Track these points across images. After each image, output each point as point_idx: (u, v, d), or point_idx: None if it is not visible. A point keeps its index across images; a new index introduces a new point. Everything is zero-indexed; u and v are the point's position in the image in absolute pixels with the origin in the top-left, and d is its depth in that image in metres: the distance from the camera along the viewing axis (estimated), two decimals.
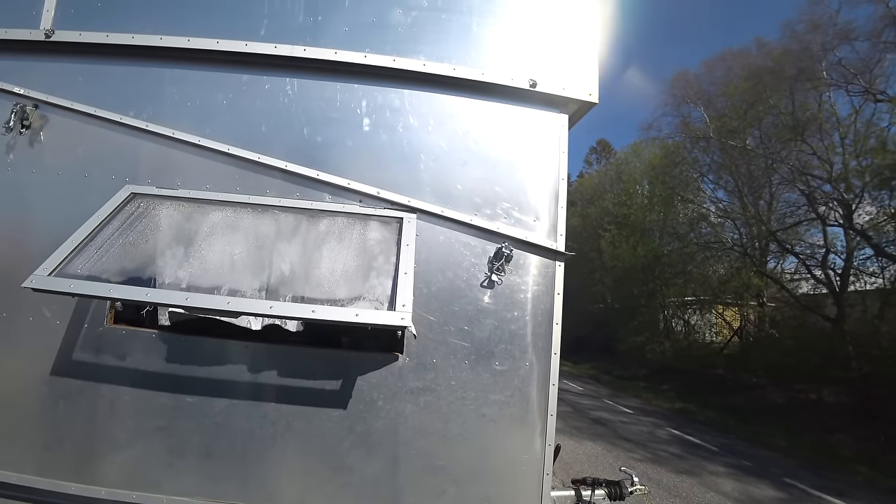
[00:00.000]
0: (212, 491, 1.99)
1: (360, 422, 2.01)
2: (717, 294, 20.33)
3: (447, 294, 2.11)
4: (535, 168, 2.29)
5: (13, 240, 2.22)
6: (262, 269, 1.85)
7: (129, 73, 2.32)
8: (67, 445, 2.05)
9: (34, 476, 2.04)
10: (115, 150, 2.23)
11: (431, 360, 2.07)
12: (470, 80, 2.26)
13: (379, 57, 2.22)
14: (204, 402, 2.01)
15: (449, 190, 2.19)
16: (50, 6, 2.34)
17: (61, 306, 2.09)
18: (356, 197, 2.16)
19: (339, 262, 1.88)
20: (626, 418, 12.00)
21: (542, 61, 2.32)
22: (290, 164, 2.15)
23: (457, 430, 2.07)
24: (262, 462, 2.01)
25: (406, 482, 2.03)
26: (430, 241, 2.13)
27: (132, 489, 2.00)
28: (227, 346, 2.03)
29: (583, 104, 2.39)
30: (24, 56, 2.38)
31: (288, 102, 2.23)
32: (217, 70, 2.28)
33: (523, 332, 2.16)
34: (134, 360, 2.04)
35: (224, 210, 2.02)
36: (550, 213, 2.27)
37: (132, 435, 2.03)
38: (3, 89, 2.35)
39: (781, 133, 17.26)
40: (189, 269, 1.81)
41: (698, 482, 7.31)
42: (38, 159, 2.28)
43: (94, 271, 1.77)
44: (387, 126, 2.23)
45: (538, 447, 2.14)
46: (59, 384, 2.07)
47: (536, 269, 2.22)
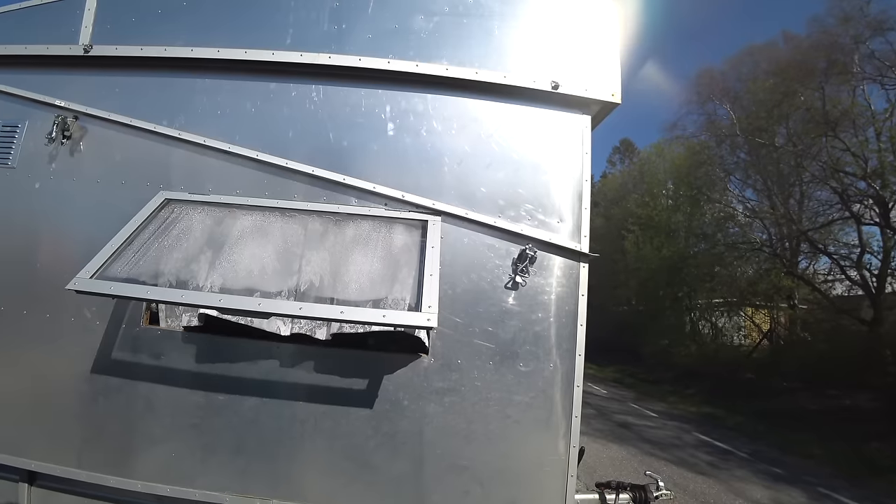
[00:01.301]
0: (242, 486, 2.05)
1: (386, 421, 2.04)
2: (745, 296, 19.79)
3: (472, 296, 2.13)
4: (558, 169, 2.29)
5: (56, 244, 2.33)
6: (290, 271, 1.90)
7: (163, 84, 2.42)
8: (106, 440, 2.15)
9: (76, 469, 2.14)
10: (150, 158, 2.33)
11: (456, 361, 2.09)
12: (492, 84, 2.28)
13: (402, 63, 2.26)
14: (235, 401, 2.07)
15: (473, 192, 2.21)
16: (88, 22, 2.45)
17: (101, 307, 2.18)
18: (382, 200, 2.20)
19: (366, 264, 1.92)
20: (651, 422, 11.78)
21: (564, 63, 2.33)
22: (317, 169, 2.20)
23: (481, 430, 2.08)
24: (291, 459, 2.05)
25: (431, 482, 2.05)
26: (455, 244, 2.16)
27: (167, 483, 2.08)
28: (258, 347, 2.08)
29: (605, 105, 2.38)
30: (65, 70, 2.50)
31: (314, 109, 2.29)
32: (245, 79, 2.35)
33: (547, 334, 2.16)
34: (168, 360, 2.12)
35: (253, 214, 2.09)
36: (574, 215, 2.26)
37: (167, 431, 2.11)
38: (46, 102, 2.47)
39: (812, 129, 16.72)
40: (221, 272, 1.88)
41: (726, 489, 7.12)
42: (78, 168, 2.39)
43: (131, 274, 1.85)
44: (411, 130, 2.26)
45: (562, 449, 2.13)
46: (98, 381, 2.16)
47: (560, 271, 2.21)
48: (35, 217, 2.37)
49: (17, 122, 2.49)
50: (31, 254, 2.33)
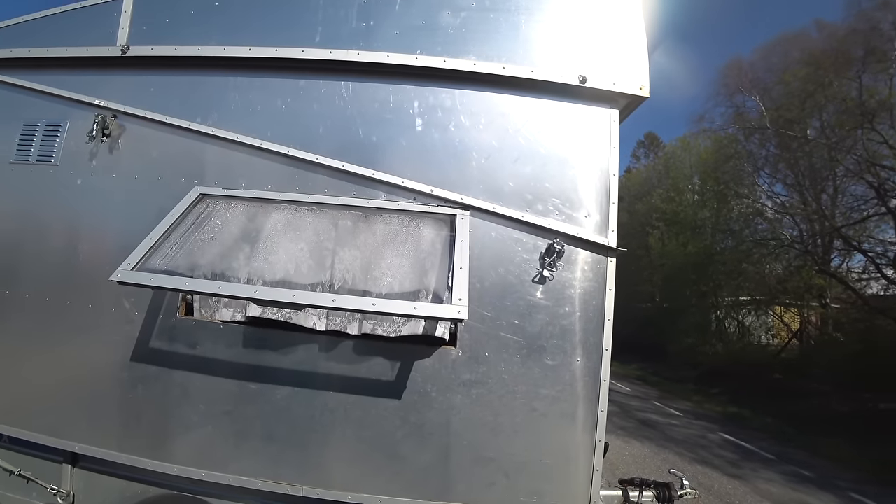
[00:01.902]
0: (273, 473, 2.11)
1: (413, 412, 2.07)
2: (774, 294, 19.25)
3: (499, 289, 2.14)
4: (585, 164, 2.28)
5: (97, 238, 2.42)
6: (322, 265, 1.95)
7: (196, 83, 2.49)
8: (144, 425, 2.23)
9: (115, 451, 2.24)
10: (185, 154, 2.40)
11: (484, 354, 2.10)
12: (519, 78, 2.28)
13: (430, 58, 2.27)
14: (267, 390, 2.13)
15: (500, 187, 2.22)
16: (125, 24, 2.54)
17: (139, 299, 2.27)
18: (410, 195, 2.22)
19: (396, 258, 1.95)
20: (675, 421, 11.60)
21: (592, 56, 2.31)
22: (347, 164, 2.24)
23: (507, 423, 2.10)
24: (321, 448, 2.11)
25: (457, 472, 2.08)
26: (483, 238, 2.17)
27: (201, 468, 2.15)
28: (290, 338, 2.13)
29: (633, 98, 2.36)
30: (104, 71, 2.59)
31: (343, 105, 2.32)
32: (276, 76, 2.40)
33: (574, 328, 2.16)
34: (203, 349, 2.20)
35: (285, 209, 2.14)
36: (601, 209, 2.25)
37: (202, 418, 2.18)
38: (86, 102, 2.57)
39: (847, 121, 16.09)
40: (255, 265, 1.93)
41: (752, 490, 6.97)
42: (117, 164, 2.48)
43: (169, 266, 1.91)
44: (439, 125, 2.28)
45: (588, 443, 2.13)
46: (137, 369, 2.25)
47: (588, 265, 2.21)
48: (77, 212, 2.47)
49: (59, 121, 2.59)
50: (74, 247, 2.43)
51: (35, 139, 2.61)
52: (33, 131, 2.63)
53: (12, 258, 2.51)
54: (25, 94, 2.68)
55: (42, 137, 2.61)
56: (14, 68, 2.70)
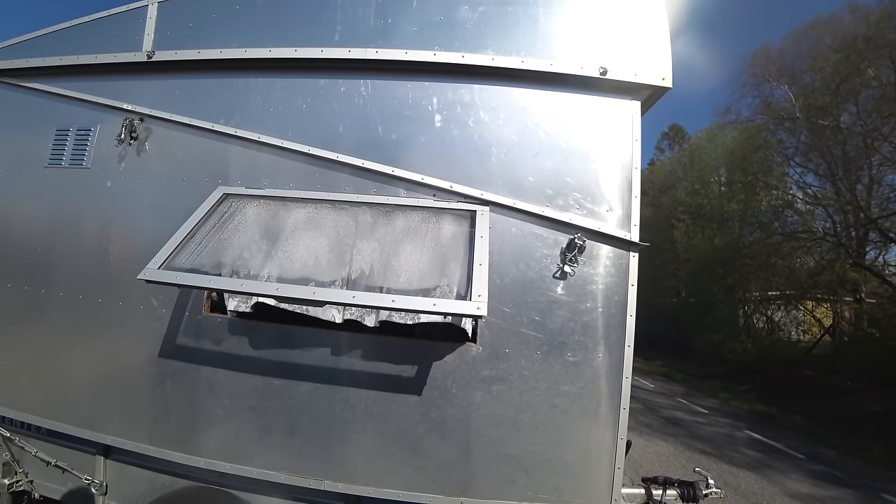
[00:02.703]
0: (297, 467, 2.15)
1: (434, 408, 2.08)
2: (805, 289, 18.62)
3: (520, 285, 2.13)
4: (607, 157, 2.24)
5: (126, 238, 2.50)
6: (343, 261, 1.97)
7: (219, 85, 2.54)
8: (173, 419, 2.30)
9: (146, 444, 2.31)
10: (209, 155, 2.46)
11: (504, 350, 2.10)
12: (539, 72, 2.26)
13: (448, 54, 2.26)
14: (291, 386, 2.17)
15: (521, 182, 2.21)
16: (150, 30, 2.60)
17: (167, 296, 2.33)
18: (430, 191, 2.22)
19: (416, 254, 1.96)
20: (701, 418, 11.35)
21: (612, 48, 2.27)
22: (367, 162, 2.25)
23: (528, 419, 2.09)
24: (343, 443, 2.13)
25: (477, 468, 2.08)
26: (503, 233, 2.16)
27: (227, 461, 2.21)
28: (312, 334, 2.17)
29: (656, 89, 2.31)
30: (131, 76, 2.66)
31: (363, 103, 2.34)
32: (296, 76, 2.43)
33: (596, 324, 2.14)
34: (228, 346, 2.25)
35: (307, 207, 2.16)
36: (624, 203, 2.22)
37: (227, 412, 2.23)
38: (114, 106, 2.64)
39: (883, 107, 15.41)
40: (277, 262, 1.97)
41: (781, 490, 6.78)
42: (145, 166, 2.55)
43: (195, 265, 1.96)
44: (458, 121, 2.27)
45: (609, 440, 2.11)
46: (165, 365, 2.32)
47: (609, 260, 2.18)
48: (107, 213, 2.55)
49: (90, 125, 2.68)
50: (105, 247, 2.52)
51: (68, 144, 2.71)
52: (66, 136, 2.72)
53: (48, 258, 2.61)
54: (58, 100, 2.78)
55: (74, 142, 2.70)
56: (47, 76, 2.81)
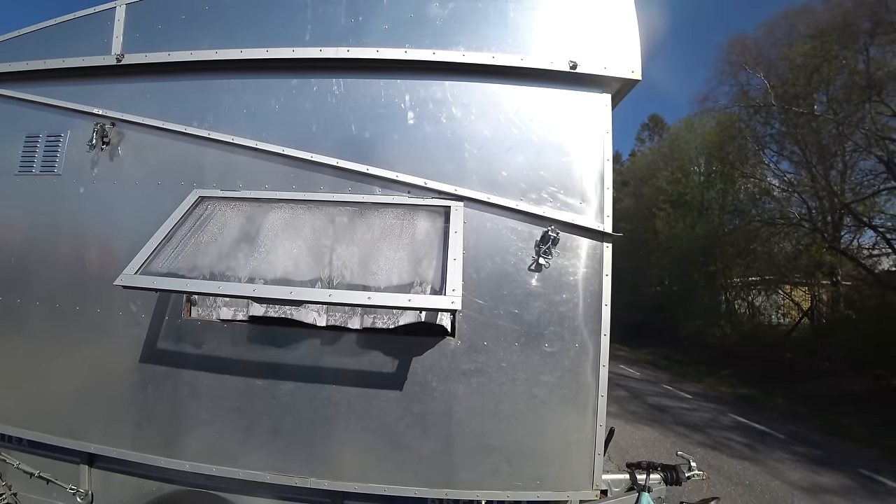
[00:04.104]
0: (282, 466, 2.17)
1: (415, 402, 2.12)
2: (784, 273, 19.05)
3: (496, 278, 2.16)
4: (579, 150, 2.28)
5: (101, 244, 2.48)
6: (320, 261, 1.98)
7: (191, 87, 2.51)
8: (156, 424, 2.30)
9: (129, 450, 2.31)
10: (183, 159, 2.44)
11: (482, 343, 2.13)
12: (510, 67, 2.28)
13: (419, 51, 2.28)
14: (273, 386, 2.18)
15: (494, 177, 2.23)
16: (118, 33, 2.57)
17: (146, 301, 2.32)
18: (405, 188, 2.24)
19: (392, 251, 1.98)
20: (686, 404, 11.56)
21: (582, 42, 2.30)
22: (341, 161, 2.26)
23: (508, 410, 2.13)
24: (327, 440, 2.16)
25: (460, 460, 2.12)
26: (478, 228, 2.19)
27: (212, 463, 2.22)
28: (293, 334, 2.18)
29: (625, 82, 2.35)
30: (100, 80, 2.62)
31: (335, 102, 2.34)
32: (268, 77, 2.42)
33: (572, 314, 2.18)
34: (209, 348, 2.25)
35: (283, 207, 2.17)
36: (597, 195, 2.26)
37: (211, 415, 2.24)
38: (84, 111, 2.61)
39: (855, 95, 15.78)
40: (254, 264, 1.97)
41: (763, 470, 6.96)
42: (118, 171, 2.53)
43: (172, 269, 1.96)
44: (430, 118, 2.29)
45: (589, 428, 2.16)
46: (146, 370, 2.31)
47: (584, 252, 2.22)
48: (82, 220, 2.52)
49: (59, 131, 2.64)
50: (80, 254, 2.49)
51: (38, 150, 2.67)
52: (36, 143, 2.68)
53: (22, 267, 2.57)
54: (26, 106, 2.73)
55: (44, 148, 2.66)
56: (14, 81, 2.75)
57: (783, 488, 6.36)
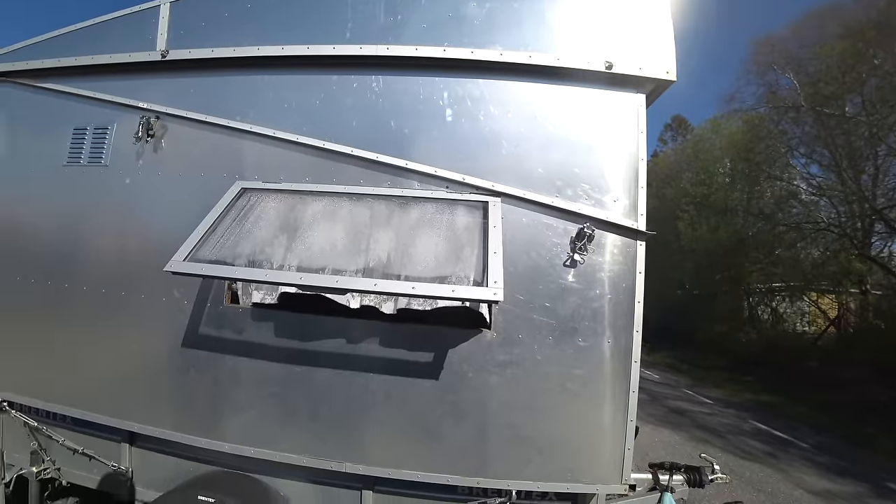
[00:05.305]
0: (319, 450, 2.23)
1: (451, 392, 2.16)
2: (810, 280, 18.59)
3: (531, 273, 2.19)
4: (613, 149, 2.30)
5: (145, 232, 2.57)
6: (360, 251, 2.03)
7: (233, 82, 2.59)
8: (198, 406, 2.38)
9: (171, 431, 2.40)
10: (225, 151, 2.51)
11: (517, 336, 2.17)
12: (546, 66, 2.30)
13: (457, 50, 2.31)
14: (311, 372, 2.25)
15: (530, 173, 2.26)
16: (163, 30, 2.65)
17: (188, 288, 2.41)
18: (443, 183, 2.28)
19: (431, 244, 2.02)
20: (706, 409, 11.41)
21: (617, 42, 2.31)
22: (381, 155, 2.31)
23: (541, 403, 2.16)
24: (362, 426, 2.21)
25: (493, 450, 2.16)
26: (514, 223, 2.21)
27: (251, 445, 2.29)
28: (332, 323, 2.24)
29: (660, 83, 2.36)
30: (146, 75, 2.71)
31: (375, 98, 2.39)
32: (309, 73, 2.48)
33: (605, 310, 2.20)
34: (249, 335, 2.32)
35: (324, 200, 2.23)
36: (630, 194, 2.27)
37: (250, 399, 2.32)
38: (130, 105, 2.70)
39: (889, 96, 15.29)
40: (297, 253, 2.03)
41: (785, 478, 6.84)
42: (162, 163, 2.61)
43: (218, 257, 2.03)
44: (468, 115, 2.32)
45: (620, 423, 2.18)
46: (188, 354, 2.40)
47: (618, 249, 2.24)
48: (127, 208, 2.62)
49: (106, 124, 2.74)
50: (126, 241, 2.59)
51: (85, 142, 2.77)
52: (83, 135, 2.78)
53: (69, 254, 2.68)
54: (74, 100, 2.83)
55: (92, 140, 2.76)
56: (62, 76, 2.86)
57: (806, 498, 6.25)
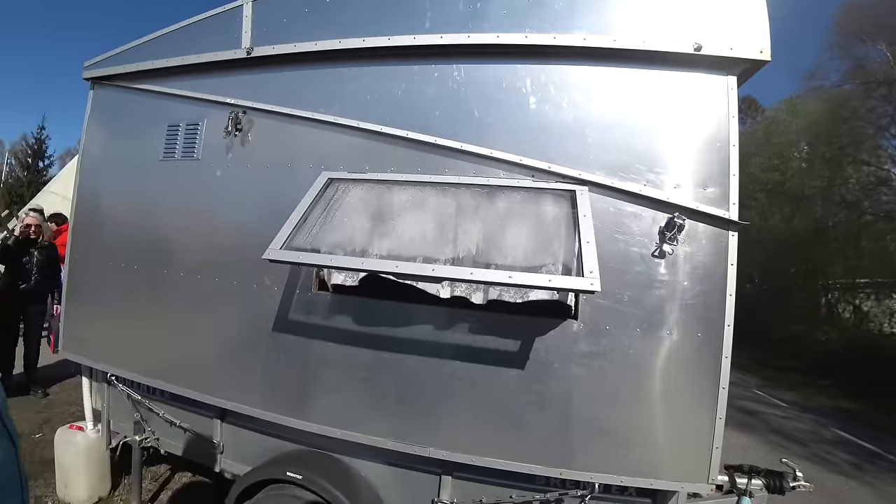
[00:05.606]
0: (404, 435, 2.29)
1: (536, 382, 2.15)
2: None
3: (619, 263, 2.14)
4: (703, 135, 2.19)
5: (236, 222, 2.72)
6: (449, 241, 2.05)
7: (316, 75, 2.66)
8: (288, 388, 2.51)
9: (262, 410, 2.54)
10: (311, 143, 2.60)
11: (604, 327, 2.12)
12: (631, 50, 2.21)
13: (539, 36, 2.26)
14: (398, 359, 2.31)
15: (616, 161, 2.19)
16: (247, 28, 2.78)
17: (278, 275, 2.53)
18: (528, 172, 2.25)
19: (520, 234, 2.01)
20: (780, 412, 10.68)
21: (706, 22, 2.19)
22: (465, 144, 2.31)
23: (627, 395, 2.11)
24: (447, 413, 2.25)
25: (577, 441, 2.14)
26: (601, 212, 2.16)
27: (338, 427, 2.39)
28: (419, 311, 2.28)
29: (753, 63, 2.21)
30: (232, 72, 2.86)
31: (456, 87, 2.38)
32: (390, 64, 2.51)
33: (695, 303, 2.11)
34: (338, 321, 2.41)
35: (410, 189, 2.26)
36: (721, 182, 2.17)
37: (339, 383, 2.41)
38: (219, 101, 2.86)
39: None
40: (387, 242, 2.08)
41: (872, 492, 6.28)
42: (250, 155, 2.75)
43: (310, 245, 2.12)
44: (552, 102, 2.28)
45: (707, 420, 2.09)
46: (279, 339, 2.52)
47: (708, 239, 2.14)
48: (218, 199, 2.78)
49: (197, 120, 2.92)
50: (218, 230, 2.76)
51: (179, 138, 2.97)
52: (177, 131, 2.98)
53: (167, 242, 2.90)
54: (167, 99, 3.04)
55: (184, 136, 2.95)
56: (157, 77, 3.08)
57: None
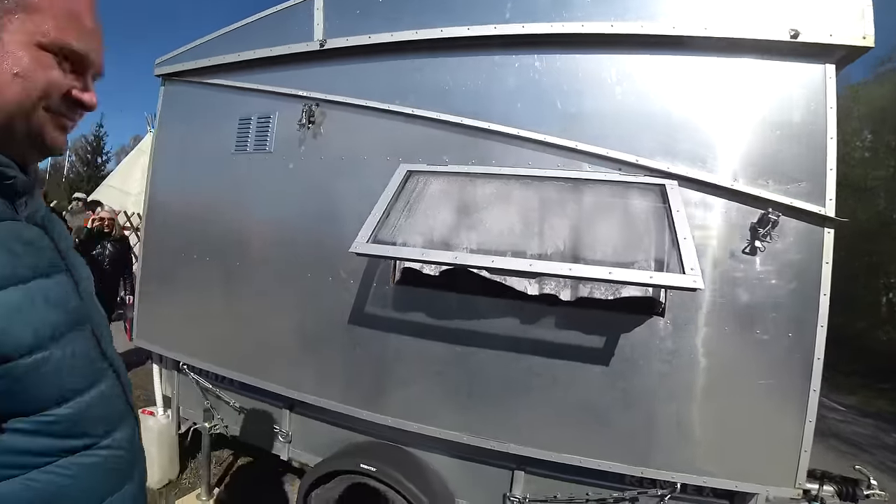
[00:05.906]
0: (479, 429, 2.30)
1: (620, 379, 2.12)
2: None
3: (709, 260, 2.08)
4: (799, 127, 2.09)
5: (310, 214, 2.74)
6: (536, 235, 2.02)
7: (391, 67, 2.64)
8: (364, 381, 2.54)
9: (338, 403, 2.58)
10: (387, 135, 2.59)
11: (691, 325, 2.07)
12: (722, 38, 2.12)
13: (625, 24, 2.19)
14: (476, 353, 2.30)
15: (706, 155, 2.12)
16: (319, 20, 2.78)
17: (354, 268, 2.55)
18: (615, 165, 2.20)
19: (609, 228, 1.97)
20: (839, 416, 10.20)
21: (804, 7, 2.07)
22: (549, 136, 2.26)
23: (712, 395, 2.06)
24: (527, 408, 2.24)
25: (659, 441, 2.10)
26: (690, 207, 2.09)
27: (412, 420, 2.41)
28: (497, 305, 2.26)
29: (854, 50, 2.08)
30: (305, 65, 2.87)
31: (538, 78, 2.33)
32: (469, 54, 2.46)
33: (787, 302, 2.04)
34: (415, 315, 2.42)
35: (493, 182, 2.24)
36: (818, 176, 2.06)
37: (414, 376, 2.43)
38: (291, 94, 2.89)
39: None
40: (474, 236, 2.07)
41: None
42: (324, 148, 2.77)
43: (395, 239, 2.11)
44: (638, 93, 2.21)
45: (797, 423, 2.03)
46: (355, 332, 2.55)
47: (802, 236, 2.05)
48: (291, 192, 2.81)
49: (269, 113, 2.96)
50: (291, 223, 2.79)
51: (250, 131, 3.02)
52: (248, 124, 3.03)
53: (240, 235, 2.96)
54: (238, 93, 3.10)
55: (256, 129, 3.00)
56: (227, 72, 3.14)
57: None
